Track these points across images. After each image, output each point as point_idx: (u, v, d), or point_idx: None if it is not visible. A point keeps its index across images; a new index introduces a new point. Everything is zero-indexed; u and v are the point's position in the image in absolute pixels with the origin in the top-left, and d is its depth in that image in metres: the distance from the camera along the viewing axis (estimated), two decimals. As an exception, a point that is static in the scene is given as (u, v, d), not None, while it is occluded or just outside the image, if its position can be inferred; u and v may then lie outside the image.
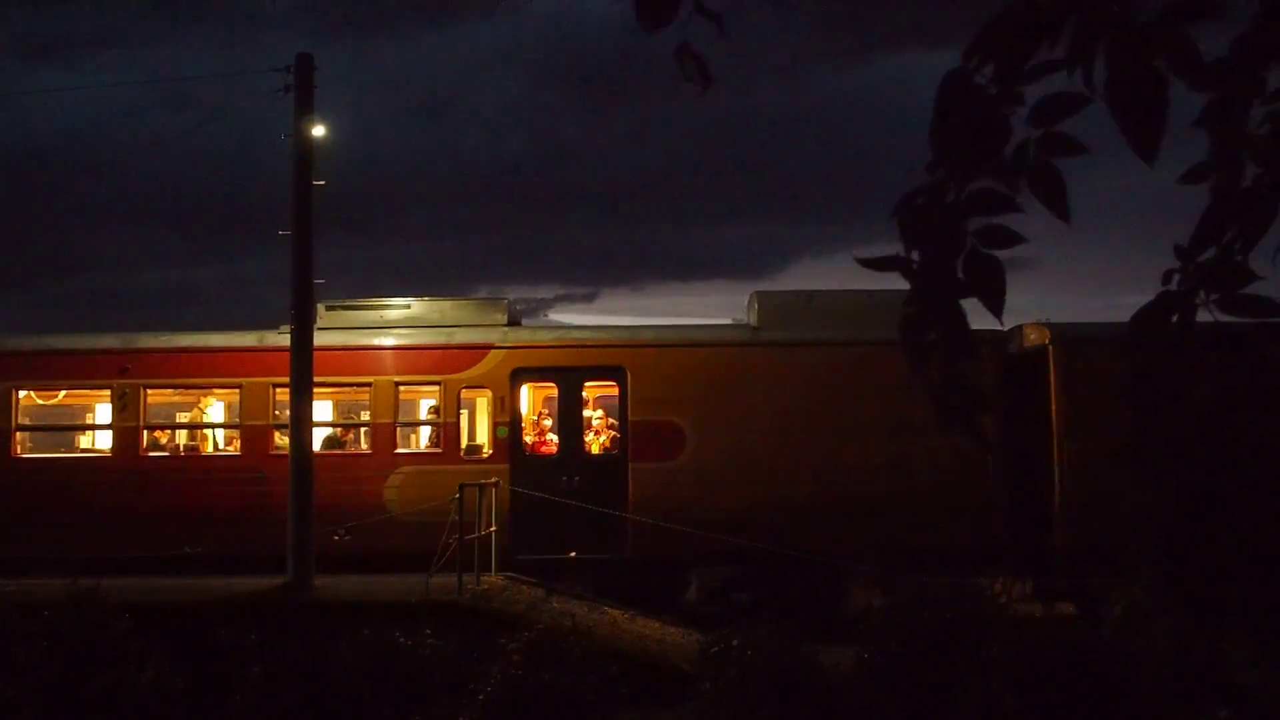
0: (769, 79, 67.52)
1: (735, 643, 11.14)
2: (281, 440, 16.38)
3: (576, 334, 17.19)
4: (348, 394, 17.48)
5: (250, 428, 16.40)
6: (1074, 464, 15.30)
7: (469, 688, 10.81)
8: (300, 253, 14.91)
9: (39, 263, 66.45)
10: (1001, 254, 1.94)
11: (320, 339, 16.05)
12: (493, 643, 11.68)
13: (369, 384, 16.42)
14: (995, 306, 1.92)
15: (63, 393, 17.33)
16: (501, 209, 71.38)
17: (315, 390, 16.11)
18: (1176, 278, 1.92)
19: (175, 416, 18.13)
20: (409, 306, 17.08)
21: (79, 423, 18.33)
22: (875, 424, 15.63)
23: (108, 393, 16.71)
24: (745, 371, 16.16)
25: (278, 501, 15.17)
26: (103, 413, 17.55)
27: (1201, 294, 1.88)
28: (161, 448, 16.88)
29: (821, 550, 15.41)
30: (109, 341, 16.83)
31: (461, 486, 14.19)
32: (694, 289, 72.35)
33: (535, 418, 16.79)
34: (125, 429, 16.34)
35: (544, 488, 15.76)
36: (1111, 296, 66.86)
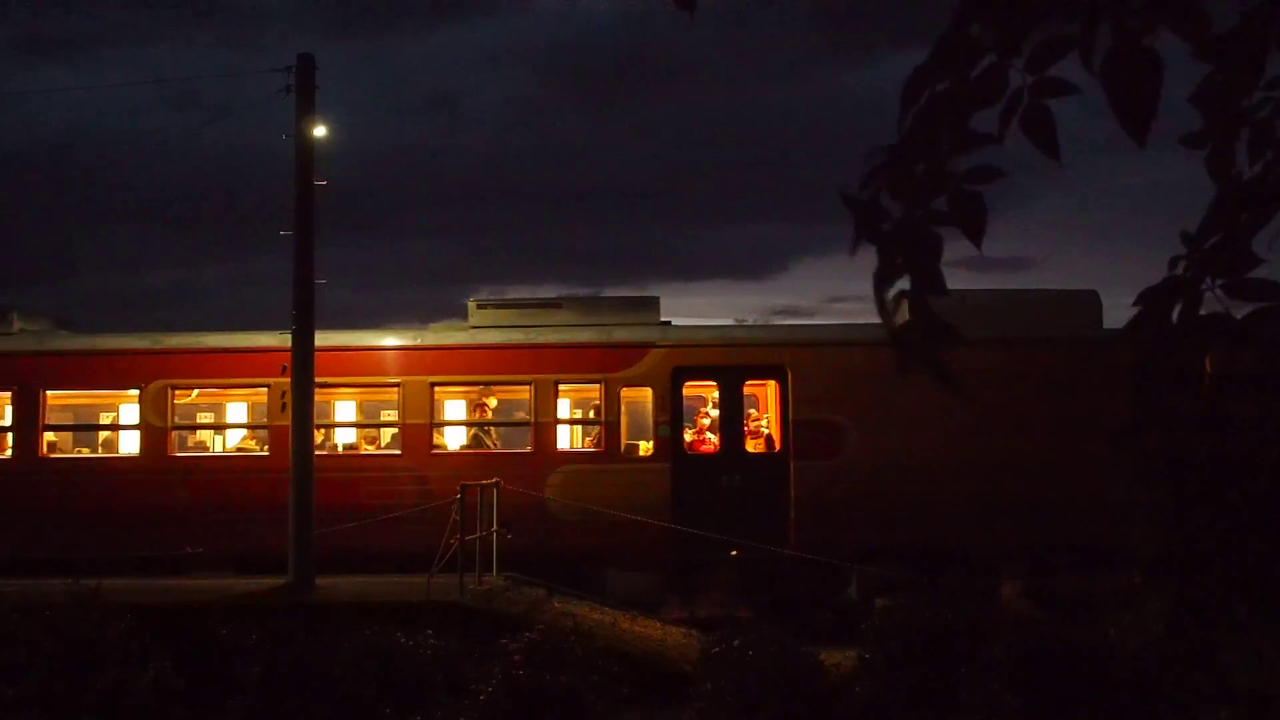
0: (771, 79, 67.57)
1: (736, 643, 11.13)
2: (440, 439, 16.46)
3: (736, 333, 17.22)
4: (474, 392, 17.25)
5: (410, 427, 16.25)
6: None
7: (470, 688, 10.79)
8: (302, 253, 14.89)
9: (40, 263, 66.49)
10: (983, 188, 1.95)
11: (474, 336, 16.32)
12: (494, 643, 11.66)
13: (529, 382, 16.32)
14: (975, 235, 1.92)
15: (195, 392, 17.13)
16: (503, 209, 71.41)
17: (463, 389, 16.61)
18: (1183, 264, 1.90)
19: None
20: (560, 305, 17.04)
21: (222, 422, 18.03)
22: (1032, 422, 15.45)
23: (241, 391, 16.70)
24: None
25: (439, 500, 15.16)
26: (234, 411, 17.46)
27: (1207, 280, 1.87)
28: (319, 447, 16.58)
29: (982, 550, 15.44)
30: (267, 340, 16.50)
31: (463, 487, 14.15)
32: (697, 289, 72.40)
33: (695, 416, 16.75)
34: (283, 428, 15.92)
35: (705, 486, 15.83)
36: (1112, 296, 66.77)
